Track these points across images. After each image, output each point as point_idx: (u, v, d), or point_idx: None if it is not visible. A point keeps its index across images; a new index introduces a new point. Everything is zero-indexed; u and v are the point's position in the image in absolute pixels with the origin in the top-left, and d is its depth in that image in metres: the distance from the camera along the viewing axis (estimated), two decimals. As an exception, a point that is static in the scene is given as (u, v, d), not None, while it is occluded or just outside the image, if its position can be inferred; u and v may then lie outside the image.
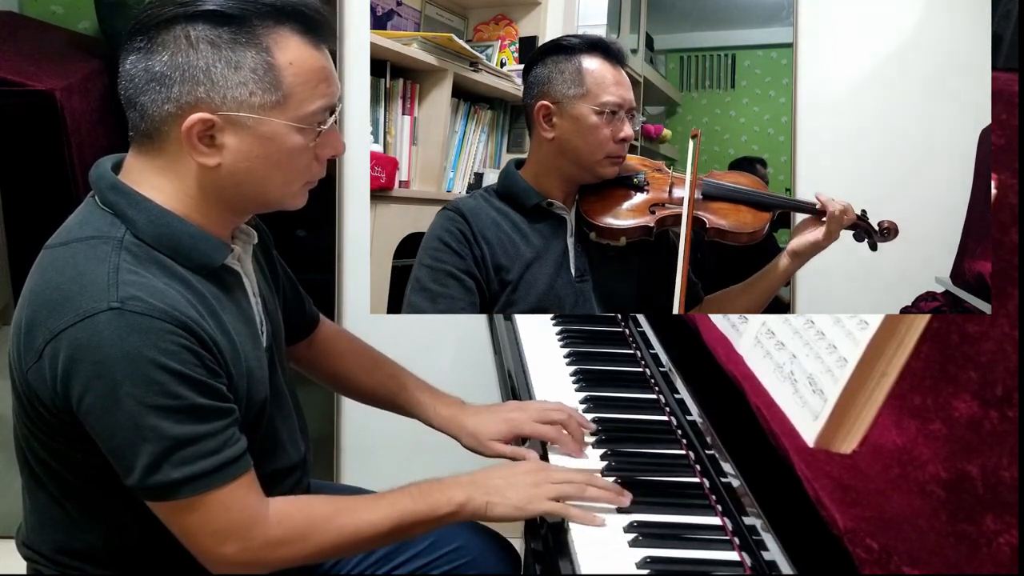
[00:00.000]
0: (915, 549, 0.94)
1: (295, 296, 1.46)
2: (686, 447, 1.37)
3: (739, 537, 1.15)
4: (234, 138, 1.13)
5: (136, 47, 1.13)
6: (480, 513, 1.22)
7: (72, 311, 1.07)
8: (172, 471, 1.08)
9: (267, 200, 1.20)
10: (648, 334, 1.66)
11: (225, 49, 1.11)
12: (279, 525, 1.15)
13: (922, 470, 1.01)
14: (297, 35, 1.14)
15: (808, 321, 1.20)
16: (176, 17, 1.11)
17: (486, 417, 1.45)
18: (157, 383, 1.06)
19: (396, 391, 1.52)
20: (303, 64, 1.14)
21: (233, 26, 1.11)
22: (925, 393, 1.06)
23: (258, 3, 1.12)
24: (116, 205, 1.15)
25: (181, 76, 1.10)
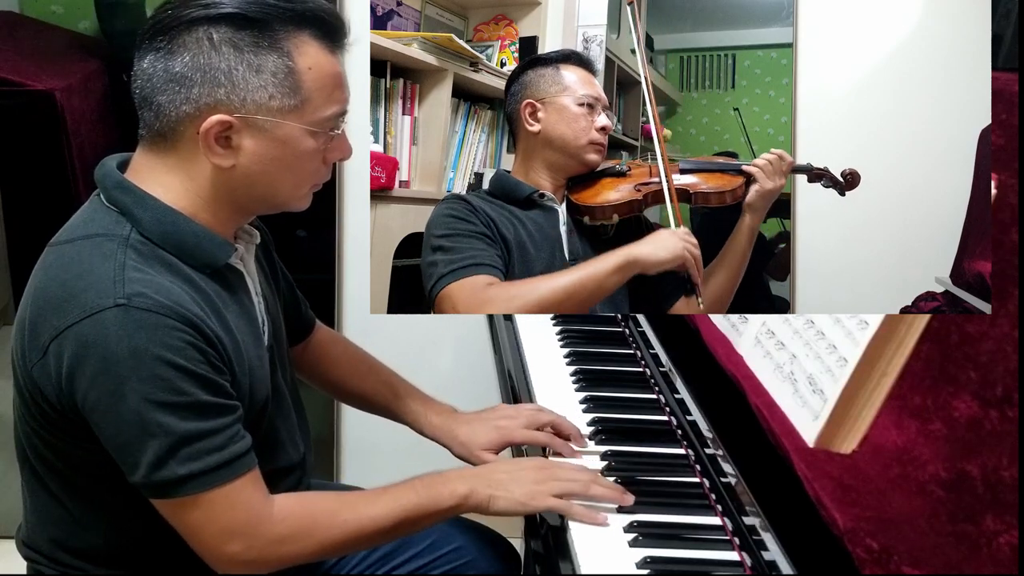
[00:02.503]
0: (915, 549, 0.94)
1: (293, 298, 1.47)
2: (686, 447, 1.37)
3: (739, 537, 1.15)
4: (250, 140, 1.14)
5: (155, 47, 1.13)
6: (483, 507, 1.22)
7: (78, 308, 1.07)
8: (178, 467, 1.08)
9: (275, 202, 1.21)
10: (648, 334, 1.66)
11: (247, 52, 1.12)
12: (283, 522, 1.15)
13: (922, 470, 1.01)
14: (316, 40, 1.15)
15: (808, 321, 1.20)
16: (199, 19, 1.11)
17: (477, 426, 1.44)
18: (163, 379, 1.06)
19: (389, 398, 1.52)
20: (321, 69, 1.15)
21: (255, 30, 1.12)
22: (925, 393, 1.06)
23: (280, 7, 1.13)
24: (122, 203, 1.15)
25: (202, 78, 1.11)
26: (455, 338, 2.41)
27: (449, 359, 2.41)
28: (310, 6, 1.15)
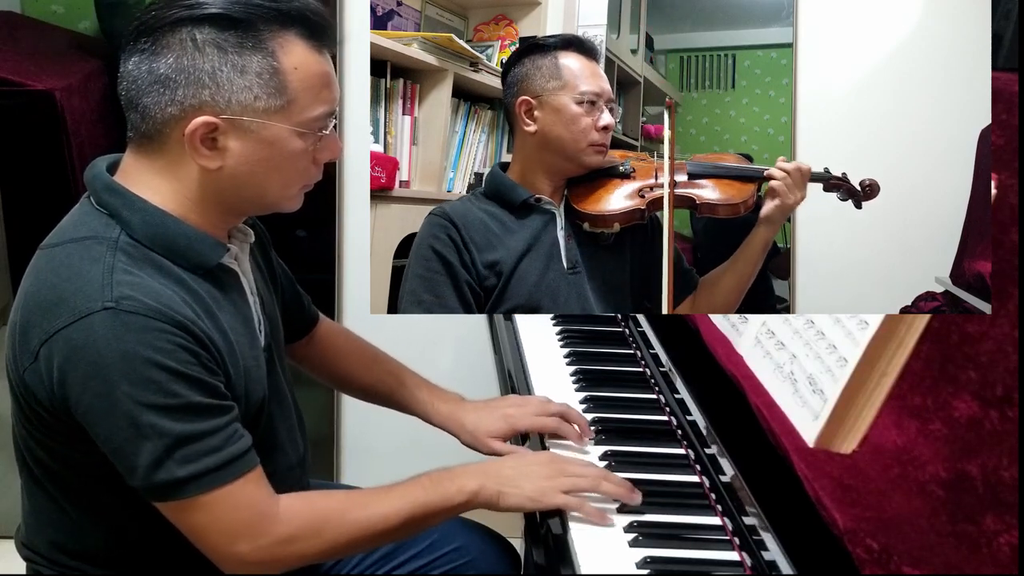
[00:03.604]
0: (915, 549, 0.94)
1: (294, 294, 1.46)
2: (686, 447, 1.37)
3: (739, 537, 1.15)
4: (237, 141, 1.13)
5: (140, 49, 1.12)
6: (492, 503, 1.21)
7: (67, 311, 1.07)
8: (177, 469, 1.08)
9: (265, 202, 1.20)
10: (648, 334, 1.66)
11: (231, 53, 1.11)
12: (290, 521, 1.14)
13: (922, 470, 1.01)
14: (302, 40, 1.14)
15: (808, 321, 1.20)
16: (182, 20, 1.11)
17: (484, 414, 1.45)
18: (154, 382, 1.06)
19: (395, 387, 1.52)
20: (307, 69, 1.14)
21: (239, 30, 1.11)
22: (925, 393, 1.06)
23: (264, 7, 1.12)
24: (111, 206, 1.14)
25: (186, 79, 1.11)
26: (455, 338, 2.41)
27: (449, 359, 2.41)
28: (295, 5, 1.14)
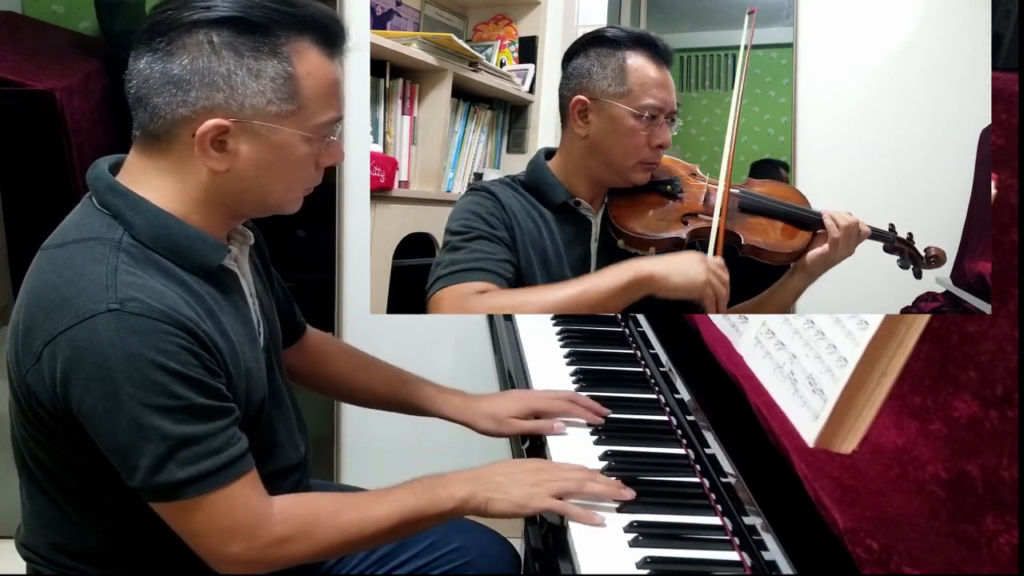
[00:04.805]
0: (915, 549, 0.94)
1: (287, 300, 1.46)
2: (686, 447, 1.37)
3: (739, 537, 1.15)
4: (246, 145, 1.13)
5: (154, 48, 1.12)
6: (481, 509, 1.22)
7: (70, 313, 1.07)
8: (176, 471, 1.08)
9: (266, 205, 1.20)
10: (648, 334, 1.66)
11: (248, 57, 1.11)
12: (284, 523, 1.15)
13: (922, 470, 1.01)
14: (316, 46, 1.14)
15: (808, 321, 1.20)
16: (200, 22, 1.10)
17: (498, 399, 1.49)
18: (157, 384, 1.06)
19: (398, 386, 1.52)
20: (320, 76, 1.15)
21: (256, 34, 1.11)
22: (925, 393, 1.06)
23: (282, 12, 1.12)
24: (114, 206, 1.14)
25: (200, 81, 1.10)
26: (455, 338, 2.41)
27: (449, 359, 2.41)
28: (312, 12, 1.14)
